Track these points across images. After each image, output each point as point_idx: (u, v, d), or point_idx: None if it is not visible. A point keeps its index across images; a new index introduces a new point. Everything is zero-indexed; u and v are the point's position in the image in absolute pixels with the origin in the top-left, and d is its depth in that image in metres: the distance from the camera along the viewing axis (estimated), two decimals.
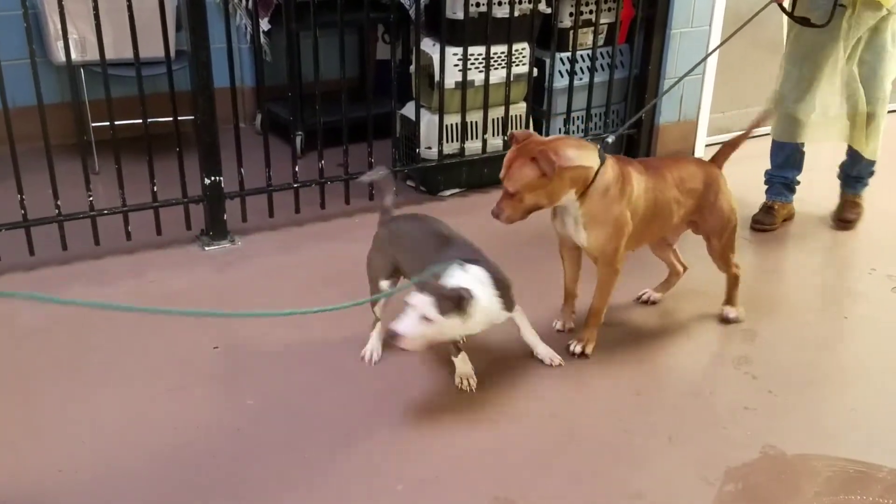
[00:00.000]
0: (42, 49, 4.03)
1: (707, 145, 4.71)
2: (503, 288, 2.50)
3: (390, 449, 2.40)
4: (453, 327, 2.39)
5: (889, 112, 3.70)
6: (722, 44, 3.11)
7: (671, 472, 2.35)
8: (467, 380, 2.65)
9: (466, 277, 2.40)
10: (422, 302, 2.32)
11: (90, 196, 3.31)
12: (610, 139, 2.74)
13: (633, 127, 4.49)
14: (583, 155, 2.59)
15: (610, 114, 4.47)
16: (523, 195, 2.56)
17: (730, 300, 3.11)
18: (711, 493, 2.26)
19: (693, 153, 4.67)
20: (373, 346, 2.79)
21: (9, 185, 3.18)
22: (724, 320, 3.08)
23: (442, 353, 2.69)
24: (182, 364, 2.72)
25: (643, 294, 3.21)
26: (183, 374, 2.68)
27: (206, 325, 2.86)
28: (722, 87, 4.65)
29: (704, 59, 4.24)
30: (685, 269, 3.20)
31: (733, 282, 3.09)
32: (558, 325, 2.99)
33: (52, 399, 2.55)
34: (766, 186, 3.95)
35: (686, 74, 3.34)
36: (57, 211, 3.26)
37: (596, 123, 4.43)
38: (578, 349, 2.83)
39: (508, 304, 2.55)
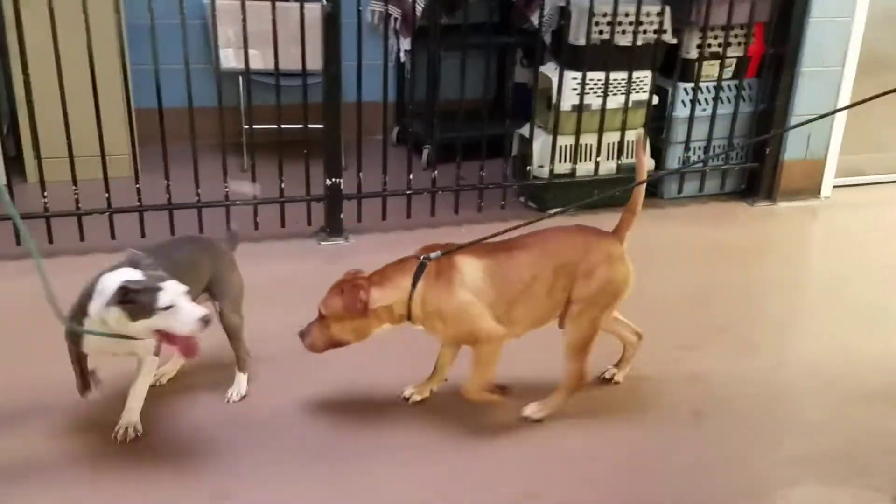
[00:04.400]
0: (211, 56, 4.54)
1: (835, 186, 4.61)
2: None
3: None
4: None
5: None
6: (859, 102, 2.58)
7: None
8: (128, 429, 2.49)
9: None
10: None
11: (226, 188, 3.75)
12: (432, 256, 2.51)
13: (756, 160, 4.49)
14: (389, 294, 2.49)
15: (733, 146, 4.48)
16: (330, 323, 2.49)
17: (551, 399, 2.66)
18: None
19: (819, 193, 4.59)
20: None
21: (161, 174, 3.67)
22: (522, 417, 2.67)
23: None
24: None
25: (605, 372, 2.90)
26: None
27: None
28: (854, 126, 4.53)
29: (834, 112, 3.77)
30: (640, 336, 2.87)
31: (570, 380, 2.63)
32: (407, 393, 2.77)
33: None
34: None
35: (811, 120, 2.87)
36: (197, 198, 3.72)
37: (718, 155, 4.46)
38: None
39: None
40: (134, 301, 2.21)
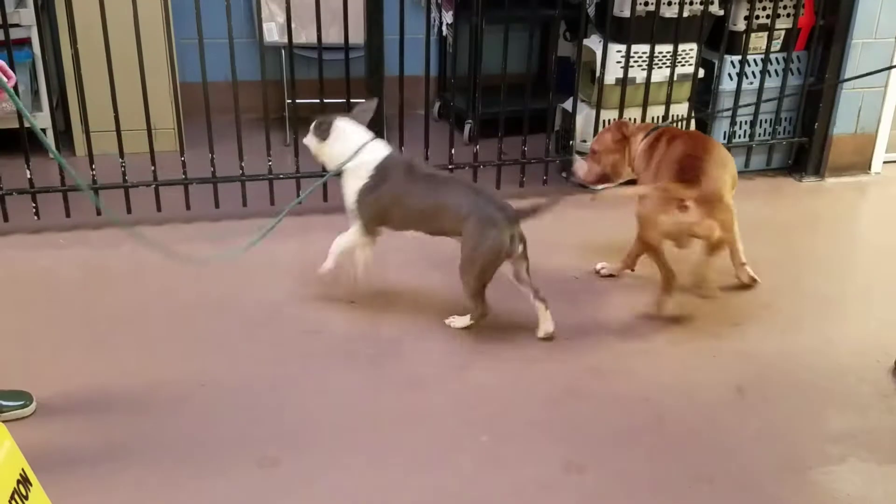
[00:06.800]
0: (254, 30, 4.56)
1: (886, 161, 4.51)
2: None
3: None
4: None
5: None
6: None
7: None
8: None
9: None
10: None
11: (269, 161, 3.77)
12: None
13: (804, 135, 4.40)
14: (636, 136, 3.22)
15: (781, 121, 4.39)
16: (601, 156, 3.24)
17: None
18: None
19: (869, 169, 4.49)
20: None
21: (205, 148, 3.71)
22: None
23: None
24: None
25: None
26: None
27: None
28: None
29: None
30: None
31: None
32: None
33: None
34: None
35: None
36: (241, 171, 3.76)
37: (766, 129, 4.39)
38: None
39: None
40: None
